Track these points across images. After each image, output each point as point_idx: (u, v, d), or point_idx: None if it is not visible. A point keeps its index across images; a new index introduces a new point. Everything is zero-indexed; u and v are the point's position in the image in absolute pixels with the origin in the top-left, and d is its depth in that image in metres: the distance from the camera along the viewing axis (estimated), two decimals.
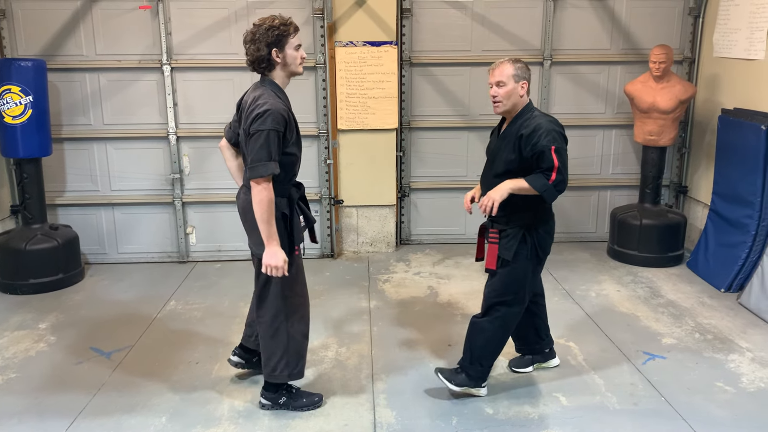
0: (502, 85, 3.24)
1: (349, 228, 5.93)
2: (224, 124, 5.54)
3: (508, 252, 3.34)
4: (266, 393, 3.48)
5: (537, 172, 3.22)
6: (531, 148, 3.19)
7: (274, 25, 3.08)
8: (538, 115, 3.32)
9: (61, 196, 5.67)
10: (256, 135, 3.02)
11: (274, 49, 3.10)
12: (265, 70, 3.17)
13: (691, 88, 5.40)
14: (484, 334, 3.48)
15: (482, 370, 3.54)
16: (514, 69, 3.23)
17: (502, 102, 3.27)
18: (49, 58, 5.36)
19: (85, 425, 3.35)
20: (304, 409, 3.47)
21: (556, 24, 5.80)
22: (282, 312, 3.32)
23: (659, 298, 4.90)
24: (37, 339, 4.31)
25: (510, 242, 3.34)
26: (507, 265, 3.38)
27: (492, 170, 3.40)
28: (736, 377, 3.78)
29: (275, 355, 3.36)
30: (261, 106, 3.03)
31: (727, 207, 5.17)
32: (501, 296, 3.43)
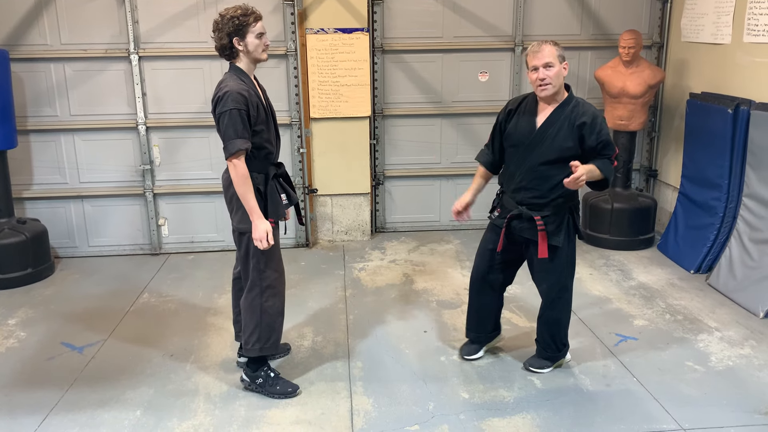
0: (550, 66, 3.18)
1: (323, 217, 5.91)
2: (194, 114, 5.54)
3: (557, 238, 3.37)
4: (248, 370, 3.53)
5: (602, 158, 3.26)
6: (596, 137, 3.22)
7: (235, 15, 3.23)
8: (583, 101, 3.33)
9: (28, 189, 5.55)
10: (220, 117, 3.18)
11: (236, 37, 3.24)
12: (230, 57, 3.32)
13: (660, 72, 5.47)
14: (560, 323, 3.62)
15: (566, 346, 3.71)
16: (558, 49, 3.21)
17: (552, 84, 3.20)
18: (12, 48, 5.22)
19: (57, 421, 3.31)
20: (275, 396, 3.48)
21: (527, 10, 5.81)
22: (257, 285, 3.40)
23: (631, 281, 4.98)
24: (6, 335, 4.23)
25: (558, 228, 3.36)
26: (556, 251, 3.40)
27: (534, 157, 3.31)
28: (706, 356, 3.86)
29: (248, 328, 3.45)
30: (221, 90, 3.20)
31: (696, 190, 5.25)
32: (562, 286, 3.52)
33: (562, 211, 3.38)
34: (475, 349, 3.85)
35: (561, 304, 3.57)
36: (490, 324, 3.83)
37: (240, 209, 3.31)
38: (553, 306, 3.56)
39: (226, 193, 3.40)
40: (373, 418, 3.30)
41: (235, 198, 3.30)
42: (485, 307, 3.77)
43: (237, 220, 3.36)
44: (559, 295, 3.54)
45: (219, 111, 3.17)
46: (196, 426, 3.26)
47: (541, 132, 3.30)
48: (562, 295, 3.55)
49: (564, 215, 3.39)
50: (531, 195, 3.36)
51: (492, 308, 3.80)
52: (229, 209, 3.40)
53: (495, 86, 5.95)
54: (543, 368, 3.69)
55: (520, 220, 3.42)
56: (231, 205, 3.38)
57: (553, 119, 3.28)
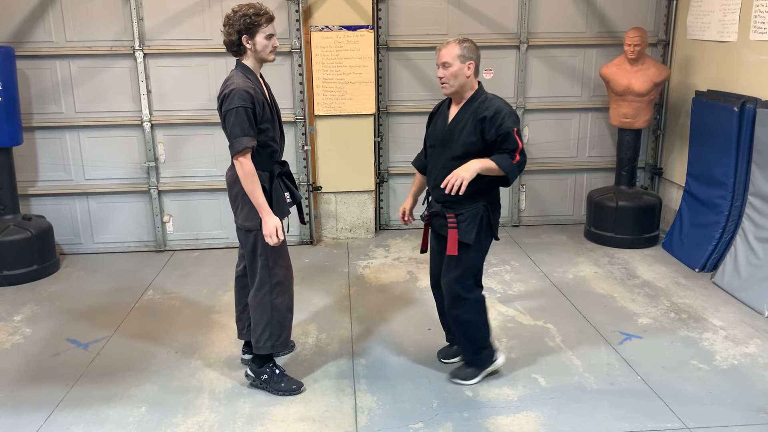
0: (448, 65, 3.21)
1: (327, 214, 5.91)
2: (199, 111, 5.55)
3: (468, 235, 3.30)
4: (253, 365, 3.53)
5: (501, 152, 3.22)
6: (496, 130, 3.19)
7: (247, 14, 3.21)
8: (493, 97, 3.31)
9: (33, 186, 5.57)
10: (227, 115, 3.18)
11: (245, 35, 3.24)
12: (236, 54, 3.32)
13: (666, 70, 5.45)
14: (472, 324, 3.49)
15: (488, 350, 3.58)
16: (459, 49, 3.21)
17: (449, 83, 3.24)
18: (18, 45, 5.24)
19: (62, 417, 3.32)
20: (280, 393, 3.49)
21: (532, 7, 5.80)
22: (266, 283, 3.40)
23: (635, 279, 4.97)
24: (12, 332, 4.25)
25: (469, 225, 3.31)
26: (467, 249, 3.34)
27: (446, 154, 3.33)
28: (710, 355, 3.85)
29: (259, 326, 3.43)
30: (227, 87, 3.19)
31: (701, 188, 5.24)
32: (465, 285, 3.41)
33: (475, 208, 3.32)
34: (454, 353, 3.79)
35: (467, 304, 3.43)
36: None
37: (245, 206, 3.31)
38: (458, 305, 3.43)
39: (230, 190, 3.39)
40: (377, 415, 3.31)
41: (241, 195, 3.30)
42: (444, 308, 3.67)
43: (243, 217, 3.35)
44: (462, 294, 3.41)
45: (225, 108, 3.17)
46: (201, 423, 3.27)
47: (450, 129, 3.33)
48: (466, 294, 3.41)
49: (478, 213, 3.32)
50: (444, 192, 3.28)
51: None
52: (234, 207, 3.40)
53: (500, 83, 5.94)
54: (468, 379, 3.55)
55: (438, 218, 3.43)
56: (236, 203, 3.37)
57: (460, 116, 3.31)
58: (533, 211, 6.30)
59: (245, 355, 3.80)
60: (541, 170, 6.19)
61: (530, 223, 6.29)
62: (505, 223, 6.24)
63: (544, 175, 6.22)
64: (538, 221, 6.30)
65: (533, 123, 6.07)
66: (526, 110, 6.02)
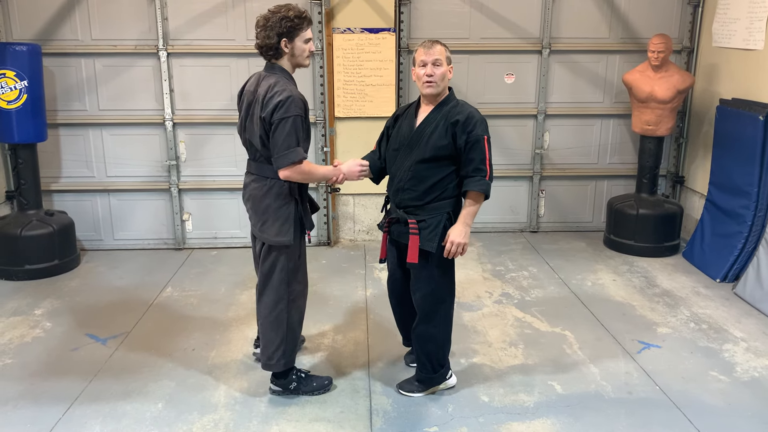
0: (439, 63, 3.15)
1: (345, 216, 5.92)
2: (221, 111, 5.59)
3: (431, 243, 3.19)
4: (276, 380, 3.47)
5: (469, 174, 3.15)
6: (467, 136, 3.13)
7: (288, 16, 3.11)
8: (464, 102, 3.27)
9: (56, 182, 5.64)
10: (282, 123, 3.04)
11: (284, 39, 3.13)
12: (272, 58, 3.20)
13: (690, 77, 5.39)
14: (436, 341, 3.40)
15: (444, 368, 3.50)
16: (447, 51, 3.20)
17: (437, 82, 3.17)
18: (45, 43, 5.31)
19: (80, 411, 3.35)
20: (314, 393, 3.48)
21: (555, 12, 5.77)
22: (284, 299, 3.33)
23: (655, 288, 4.92)
24: (33, 325, 4.30)
25: (431, 233, 3.20)
26: (431, 259, 3.24)
27: (413, 156, 3.22)
28: (731, 366, 3.80)
29: (272, 344, 3.36)
30: (280, 94, 3.05)
31: (724, 197, 5.17)
32: (437, 299, 3.33)
33: (439, 215, 3.23)
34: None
35: (437, 318, 3.34)
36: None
37: (277, 221, 3.21)
38: (428, 319, 3.34)
39: (257, 204, 3.26)
40: (392, 418, 3.30)
41: (273, 210, 3.20)
42: (405, 316, 3.63)
43: (274, 232, 3.22)
44: (433, 308, 3.32)
45: (280, 116, 3.02)
46: (216, 420, 3.28)
47: (419, 131, 3.24)
48: (438, 308, 3.33)
49: (441, 220, 3.22)
50: (408, 196, 3.24)
51: (411, 316, 3.53)
52: (261, 221, 3.25)
53: (521, 88, 5.92)
54: (412, 392, 3.47)
55: (398, 225, 3.33)
56: (264, 216, 3.24)
57: (430, 118, 3.24)
58: (552, 217, 6.26)
59: (257, 349, 3.77)
60: (561, 176, 6.15)
61: (549, 229, 6.25)
62: (524, 229, 6.21)
63: (564, 181, 6.18)
64: (557, 227, 6.26)
65: (554, 128, 6.04)
66: (547, 115, 5.99)
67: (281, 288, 3.31)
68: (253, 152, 3.26)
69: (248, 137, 3.24)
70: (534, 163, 6.08)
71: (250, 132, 3.22)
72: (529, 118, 6.00)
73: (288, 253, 3.28)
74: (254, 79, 3.27)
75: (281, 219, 3.22)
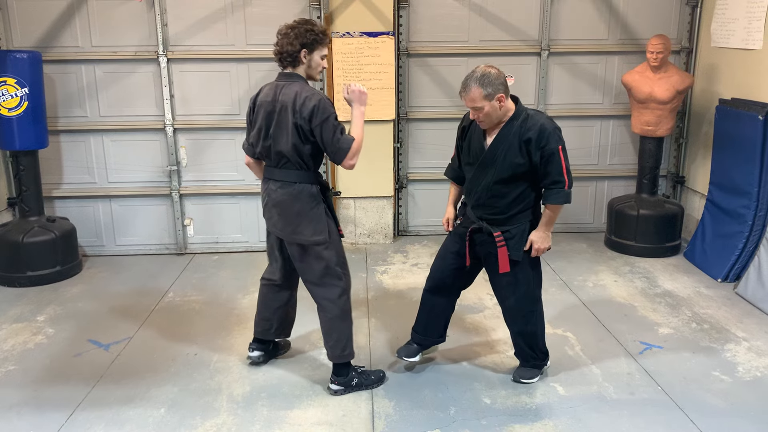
0: (479, 109, 3.20)
1: (346, 219, 5.93)
2: (221, 116, 5.60)
3: (518, 252, 3.34)
4: (338, 378, 3.53)
5: (548, 186, 3.26)
6: (541, 152, 3.19)
7: (312, 29, 3.26)
8: (534, 113, 3.29)
9: (58, 189, 5.66)
10: (324, 124, 3.19)
11: (304, 49, 3.26)
12: (289, 65, 3.31)
13: (689, 78, 5.40)
14: (537, 335, 3.57)
15: (546, 354, 3.67)
16: (483, 90, 3.15)
17: (485, 121, 3.25)
18: (45, 50, 5.33)
19: (83, 417, 3.36)
20: (374, 386, 3.58)
21: (554, 14, 5.78)
22: (346, 291, 3.48)
23: (656, 288, 4.92)
24: (35, 331, 4.31)
25: (517, 243, 3.34)
26: (519, 267, 3.38)
27: (489, 176, 3.31)
28: (733, 366, 3.80)
29: (344, 335, 3.48)
30: (311, 99, 3.19)
31: (724, 197, 5.17)
32: (533, 298, 3.49)
33: (522, 224, 3.36)
34: (416, 350, 3.76)
35: (535, 316, 3.52)
36: (439, 329, 3.77)
37: (312, 222, 3.33)
38: (527, 320, 3.51)
39: (286, 209, 3.35)
40: (394, 421, 3.31)
41: (304, 213, 3.32)
42: (437, 309, 3.72)
43: (310, 233, 3.34)
44: (531, 308, 3.50)
45: (320, 120, 3.16)
46: (219, 425, 3.29)
47: (492, 151, 3.29)
48: (535, 307, 3.51)
49: (525, 229, 3.36)
50: (490, 212, 3.37)
51: (444, 312, 3.75)
52: (294, 224, 3.35)
53: (521, 91, 5.92)
54: (533, 378, 3.62)
55: (481, 234, 3.42)
56: (298, 219, 3.34)
57: (501, 137, 3.27)
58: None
59: (254, 353, 3.81)
60: None
61: None
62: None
63: None
64: (557, 229, 6.24)
65: None
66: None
67: (338, 282, 3.45)
68: (278, 159, 3.34)
69: (273, 145, 3.32)
70: None
71: (276, 140, 3.30)
72: None
73: (330, 248, 3.40)
74: (269, 89, 3.35)
75: (315, 219, 3.35)
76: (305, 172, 3.33)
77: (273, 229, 3.48)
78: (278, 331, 3.80)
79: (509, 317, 3.57)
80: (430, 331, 3.76)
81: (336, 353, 3.50)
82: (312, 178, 3.36)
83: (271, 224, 3.48)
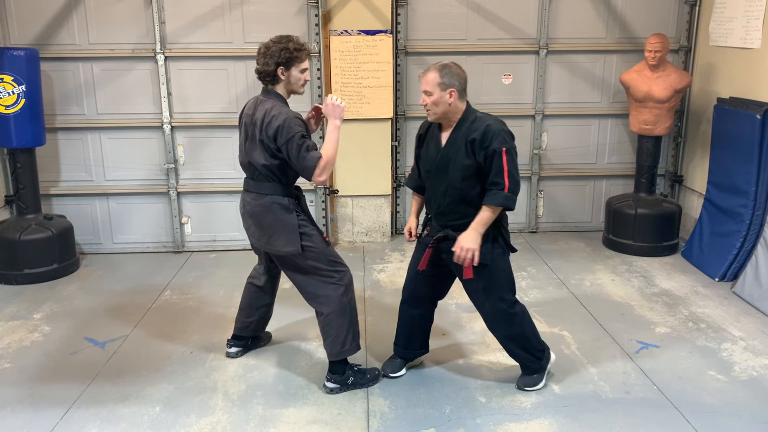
0: (429, 94, 3.17)
1: (344, 218, 5.93)
2: (219, 114, 5.59)
3: (483, 256, 3.22)
4: (334, 376, 3.53)
5: (488, 186, 3.17)
6: (485, 152, 3.14)
7: (287, 47, 3.29)
8: (483, 116, 3.23)
9: (55, 186, 5.65)
10: (288, 143, 3.21)
11: (281, 67, 3.31)
12: (269, 83, 3.38)
13: (687, 77, 5.39)
14: (525, 337, 3.46)
15: (544, 351, 3.56)
16: (439, 77, 3.13)
17: (431, 110, 3.22)
18: (42, 48, 5.32)
19: (78, 415, 3.36)
20: (369, 384, 3.58)
21: (552, 13, 5.77)
22: (341, 285, 3.46)
23: (653, 288, 4.91)
24: (31, 329, 4.31)
25: (484, 246, 3.23)
26: (487, 271, 3.28)
27: (445, 181, 3.27)
28: (729, 366, 3.80)
29: (342, 331, 3.47)
30: (277, 118, 3.22)
31: (722, 196, 5.17)
32: (509, 302, 3.37)
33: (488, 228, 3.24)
34: (400, 365, 3.73)
35: (517, 318, 3.41)
36: (419, 342, 3.73)
37: (283, 233, 3.35)
38: (510, 323, 3.41)
39: (259, 220, 3.40)
40: (389, 419, 3.30)
41: (276, 223, 3.35)
42: (415, 321, 3.67)
43: (282, 243, 3.36)
44: (510, 311, 3.38)
45: (285, 139, 3.19)
46: (214, 423, 3.28)
47: (443, 156, 3.27)
48: (514, 309, 3.39)
49: (488, 234, 3.24)
50: (452, 218, 3.31)
51: (421, 324, 3.69)
52: (265, 236, 3.40)
53: (519, 89, 5.92)
54: (537, 384, 3.53)
55: (447, 242, 3.34)
56: (270, 230, 3.38)
57: (451, 141, 3.25)
58: (551, 218, 6.26)
59: (232, 349, 3.90)
60: (559, 176, 6.15)
61: (548, 229, 6.25)
62: (523, 230, 6.21)
63: (563, 181, 6.18)
64: (555, 228, 6.26)
65: (552, 129, 6.04)
66: (545, 116, 5.99)
67: (331, 280, 3.45)
68: (252, 171, 3.41)
69: (248, 158, 3.39)
70: (532, 164, 6.08)
71: (250, 153, 3.37)
72: (526, 118, 6.00)
73: (312, 255, 3.40)
74: (252, 103, 3.44)
75: (287, 230, 3.36)
76: (277, 184, 3.37)
77: (251, 239, 3.55)
78: (256, 329, 3.93)
79: (490, 323, 3.47)
80: (411, 343, 3.72)
81: (334, 350, 3.50)
82: (284, 191, 3.38)
83: (249, 234, 3.54)
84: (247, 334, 3.91)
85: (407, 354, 3.75)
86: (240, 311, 3.88)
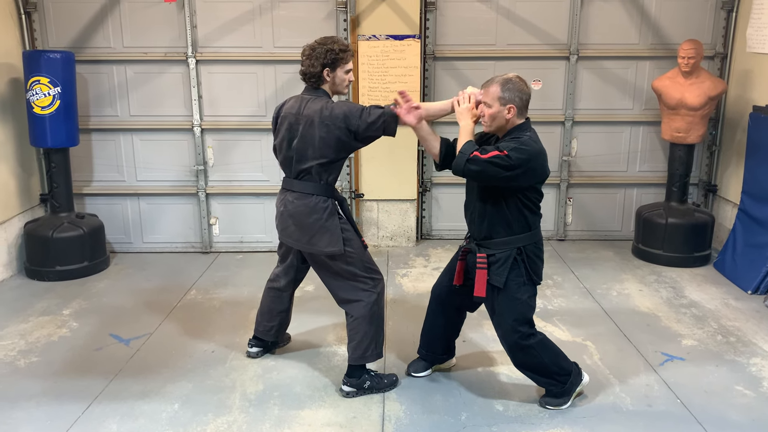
0: (488, 106, 3.14)
1: (369, 222, 5.93)
2: (248, 117, 5.66)
3: (499, 278, 3.16)
4: (351, 380, 3.54)
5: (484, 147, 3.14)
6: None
7: (332, 49, 3.31)
8: (527, 137, 3.12)
9: (88, 186, 5.79)
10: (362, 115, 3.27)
11: (327, 68, 3.33)
12: (314, 84, 3.40)
13: (721, 84, 5.26)
14: (545, 365, 3.32)
15: (571, 376, 3.39)
16: (501, 91, 3.10)
17: (487, 123, 3.19)
18: (78, 51, 5.47)
19: (100, 410, 3.42)
20: (386, 389, 3.57)
21: (583, 18, 5.70)
22: (374, 293, 3.48)
23: (682, 299, 4.80)
24: (60, 324, 4.42)
25: (500, 268, 3.17)
26: (501, 296, 3.21)
27: (476, 192, 3.26)
28: (757, 381, 3.68)
29: (367, 338, 3.49)
30: (338, 107, 3.29)
31: (757, 207, 5.02)
32: (523, 334, 3.24)
33: (509, 250, 3.18)
34: (423, 366, 3.71)
35: (532, 351, 3.27)
36: (440, 347, 3.68)
37: (327, 233, 3.36)
38: (526, 353, 3.28)
39: (302, 221, 3.39)
40: (404, 424, 3.29)
41: (320, 223, 3.36)
42: (437, 327, 3.63)
43: (325, 243, 3.37)
44: (522, 343, 3.25)
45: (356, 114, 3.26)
46: (230, 422, 3.31)
47: None
48: (526, 341, 3.25)
49: (511, 255, 3.17)
50: (477, 229, 3.27)
51: (444, 330, 3.64)
52: (309, 235, 3.39)
53: (549, 95, 5.86)
54: (560, 405, 3.39)
55: (472, 255, 3.30)
56: (312, 231, 3.38)
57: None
58: (580, 225, 6.17)
59: (253, 349, 3.94)
60: (589, 184, 6.06)
61: (576, 237, 6.16)
62: (551, 237, 6.13)
63: (592, 188, 6.08)
64: (584, 236, 6.17)
65: (582, 135, 5.95)
66: (575, 122, 5.91)
67: (368, 286, 3.47)
68: (297, 170, 3.39)
69: (295, 158, 3.38)
70: (561, 171, 6.01)
71: (300, 153, 3.36)
72: (556, 124, 5.93)
73: (351, 259, 3.42)
74: (295, 102, 3.43)
75: (330, 230, 3.37)
76: (323, 185, 3.39)
77: (288, 239, 3.52)
78: (277, 333, 3.93)
79: (505, 349, 3.36)
80: (432, 347, 3.70)
81: (357, 354, 3.50)
82: (329, 192, 3.40)
83: (285, 234, 3.51)
84: (269, 338, 3.93)
85: (428, 357, 3.74)
86: (260, 315, 3.90)
